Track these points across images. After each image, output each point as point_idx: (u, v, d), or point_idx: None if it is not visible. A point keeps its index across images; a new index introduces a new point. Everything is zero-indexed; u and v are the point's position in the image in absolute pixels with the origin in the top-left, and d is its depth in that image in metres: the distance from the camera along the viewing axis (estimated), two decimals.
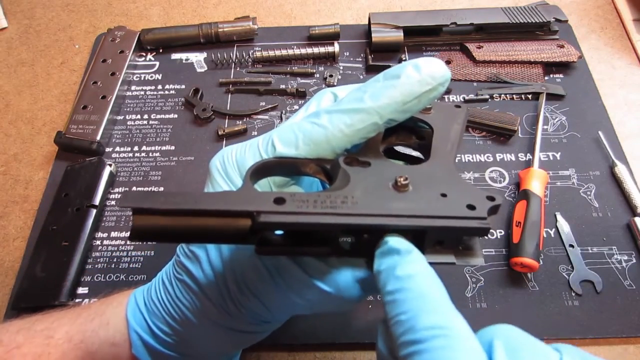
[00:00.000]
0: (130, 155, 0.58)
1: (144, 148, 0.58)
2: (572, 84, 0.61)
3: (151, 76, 0.65)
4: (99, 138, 0.56)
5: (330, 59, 0.65)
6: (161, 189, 0.55)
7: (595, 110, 0.59)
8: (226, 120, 0.60)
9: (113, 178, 0.55)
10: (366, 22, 0.67)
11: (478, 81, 0.62)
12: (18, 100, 0.64)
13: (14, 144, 0.60)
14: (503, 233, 0.50)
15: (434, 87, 0.27)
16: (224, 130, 0.58)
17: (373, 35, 0.63)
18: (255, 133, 0.59)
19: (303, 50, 0.64)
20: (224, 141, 0.59)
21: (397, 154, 0.35)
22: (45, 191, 0.55)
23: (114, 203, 0.54)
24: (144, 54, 0.67)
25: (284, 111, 0.60)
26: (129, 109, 0.61)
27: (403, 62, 0.28)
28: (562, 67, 0.63)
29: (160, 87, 0.64)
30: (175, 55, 0.66)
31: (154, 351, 0.32)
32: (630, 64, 0.64)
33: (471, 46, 0.64)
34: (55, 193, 0.53)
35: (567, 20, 0.64)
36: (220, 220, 0.24)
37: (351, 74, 0.64)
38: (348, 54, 0.66)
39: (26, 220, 0.54)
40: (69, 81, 0.66)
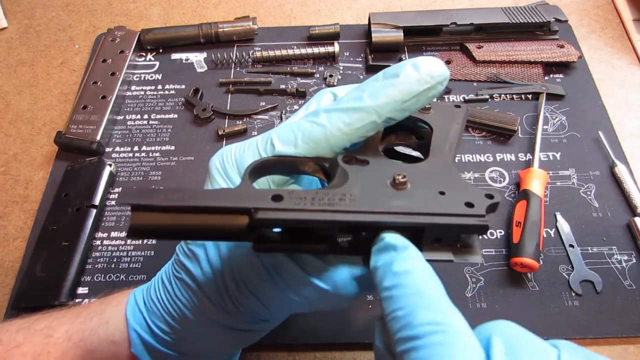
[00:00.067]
0: (130, 155, 0.58)
1: (144, 148, 0.58)
2: (572, 84, 0.61)
3: (151, 76, 0.65)
4: (99, 138, 0.56)
5: (330, 59, 0.65)
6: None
7: (595, 110, 0.59)
8: (226, 120, 0.60)
9: (113, 178, 0.55)
10: (366, 22, 0.67)
11: (478, 81, 0.62)
12: (18, 100, 0.64)
13: (14, 144, 0.60)
14: (503, 233, 0.50)
15: (433, 86, 0.27)
16: (224, 130, 0.58)
17: (373, 35, 0.63)
18: (255, 133, 0.59)
19: (303, 50, 0.64)
20: (224, 141, 0.59)
21: (397, 154, 0.35)
22: (45, 191, 0.55)
23: (114, 203, 0.54)
24: (144, 54, 0.67)
25: (284, 111, 0.60)
26: (129, 109, 0.62)
27: (402, 61, 0.28)
28: (562, 67, 0.63)
29: (160, 87, 0.64)
30: (175, 55, 0.66)
31: (152, 350, 0.32)
32: (630, 64, 0.64)
33: (471, 46, 0.64)
34: (55, 193, 0.53)
35: (567, 20, 0.64)
36: (218, 217, 0.24)
37: (351, 74, 0.64)
38: (348, 54, 0.66)
39: (26, 220, 0.54)
40: (69, 81, 0.66)
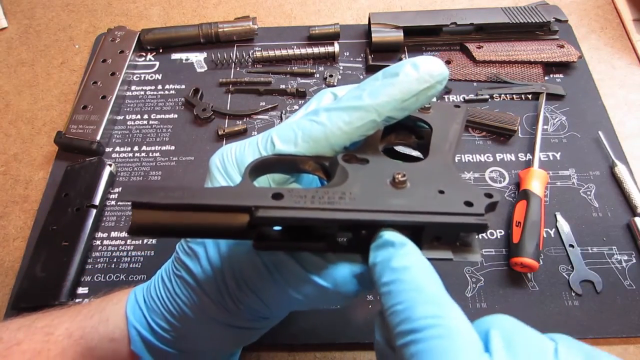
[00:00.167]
0: (130, 155, 0.58)
1: (144, 148, 0.58)
2: (572, 84, 0.61)
3: (151, 76, 0.65)
4: (99, 138, 0.56)
5: (330, 59, 0.65)
6: None
7: (595, 110, 0.59)
8: (226, 120, 0.60)
9: (113, 178, 0.55)
10: (366, 22, 0.67)
11: (478, 81, 0.62)
12: (18, 100, 0.64)
13: (14, 144, 0.60)
14: (503, 233, 0.50)
15: (432, 85, 0.27)
16: (224, 130, 0.58)
17: (373, 35, 0.63)
18: (255, 133, 0.59)
19: (303, 50, 0.64)
20: (224, 141, 0.59)
21: (397, 153, 0.35)
22: (45, 191, 0.55)
23: (114, 203, 0.54)
24: (144, 54, 0.67)
25: (284, 111, 0.60)
26: (129, 109, 0.62)
27: (402, 61, 0.28)
28: (562, 67, 0.63)
29: (160, 87, 0.64)
30: (175, 55, 0.67)
31: (152, 347, 0.32)
32: (630, 64, 0.64)
33: (471, 46, 0.64)
34: (55, 193, 0.53)
35: (567, 20, 0.64)
36: (218, 215, 0.24)
37: (351, 74, 0.64)
38: (348, 54, 0.66)
39: (26, 220, 0.54)
40: (69, 81, 0.66)
